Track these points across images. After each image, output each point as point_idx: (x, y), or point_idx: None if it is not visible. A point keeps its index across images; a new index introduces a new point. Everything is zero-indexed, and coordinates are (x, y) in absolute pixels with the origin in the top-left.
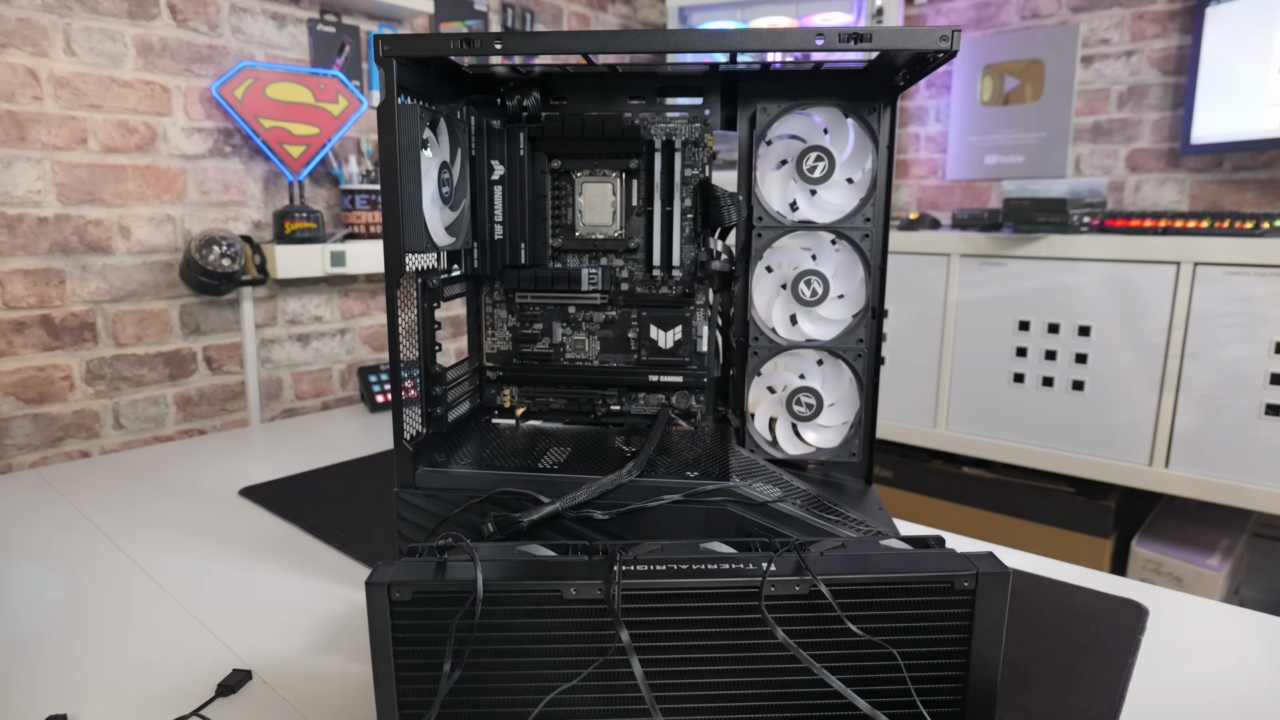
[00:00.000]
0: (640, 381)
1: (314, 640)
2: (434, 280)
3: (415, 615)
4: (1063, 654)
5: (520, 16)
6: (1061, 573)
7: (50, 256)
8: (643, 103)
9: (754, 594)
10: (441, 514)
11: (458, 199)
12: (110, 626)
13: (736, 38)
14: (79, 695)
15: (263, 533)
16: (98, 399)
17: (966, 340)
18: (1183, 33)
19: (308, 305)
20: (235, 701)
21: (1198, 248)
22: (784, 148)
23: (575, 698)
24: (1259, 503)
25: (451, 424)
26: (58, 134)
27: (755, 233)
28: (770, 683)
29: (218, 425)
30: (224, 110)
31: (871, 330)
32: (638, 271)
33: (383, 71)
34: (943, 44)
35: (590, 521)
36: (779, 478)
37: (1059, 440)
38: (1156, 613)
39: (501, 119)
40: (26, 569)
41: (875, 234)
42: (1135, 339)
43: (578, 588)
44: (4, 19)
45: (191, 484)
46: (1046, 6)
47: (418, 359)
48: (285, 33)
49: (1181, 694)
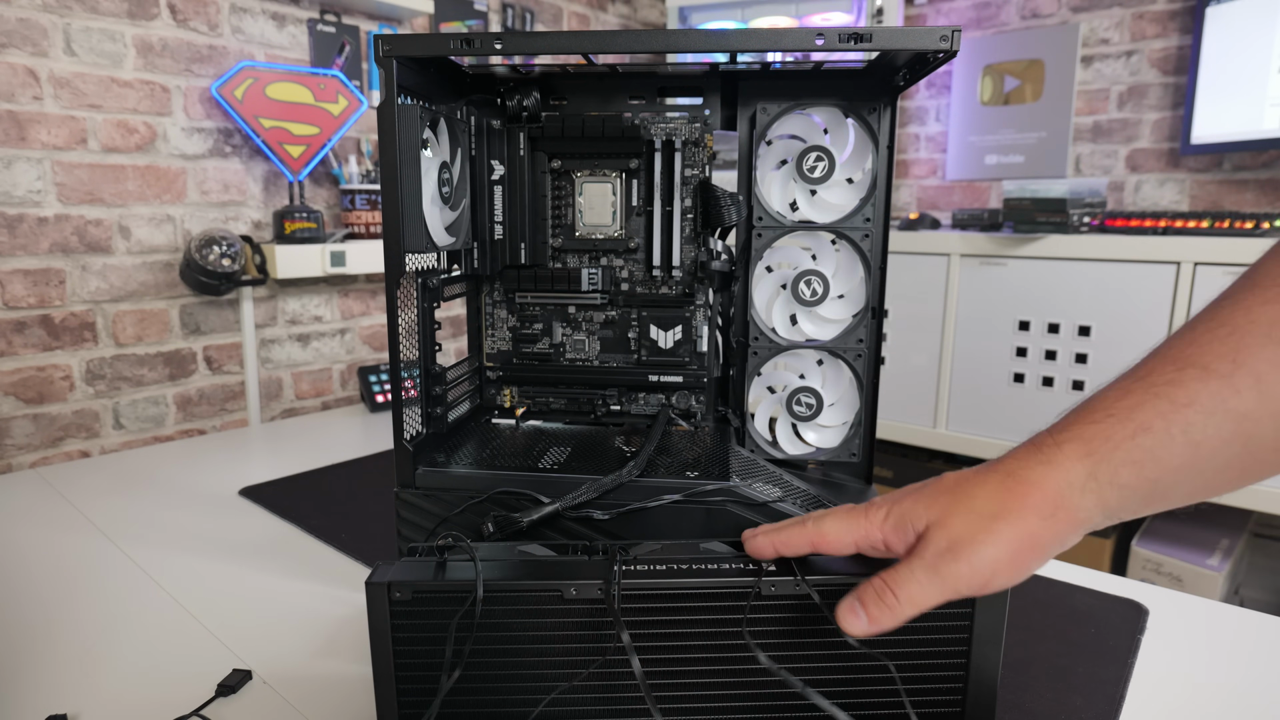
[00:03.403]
0: (640, 381)
1: (314, 640)
2: (434, 280)
3: (415, 615)
4: (1063, 654)
5: (520, 16)
6: (1061, 573)
7: (50, 256)
8: (643, 103)
9: (754, 594)
10: (441, 514)
11: (458, 199)
12: (110, 626)
13: (736, 38)
14: (79, 695)
15: (263, 533)
16: (98, 399)
17: (966, 340)
18: (1183, 33)
19: (308, 305)
20: (235, 701)
21: (1198, 248)
22: (784, 148)
23: (575, 698)
24: (1259, 503)
25: (451, 424)
26: (58, 134)
27: (755, 233)
28: (770, 682)
29: (218, 425)
30: (224, 110)
31: (871, 330)
32: (638, 271)
33: (383, 71)
34: (943, 44)
35: (590, 521)
36: (779, 478)
37: None
38: (1156, 613)
39: (501, 119)
40: (26, 569)
41: (875, 234)
42: (1135, 339)
43: (578, 588)
44: (4, 19)
45: (191, 484)
46: (1046, 6)
47: (418, 359)
48: (285, 33)
49: (1181, 694)
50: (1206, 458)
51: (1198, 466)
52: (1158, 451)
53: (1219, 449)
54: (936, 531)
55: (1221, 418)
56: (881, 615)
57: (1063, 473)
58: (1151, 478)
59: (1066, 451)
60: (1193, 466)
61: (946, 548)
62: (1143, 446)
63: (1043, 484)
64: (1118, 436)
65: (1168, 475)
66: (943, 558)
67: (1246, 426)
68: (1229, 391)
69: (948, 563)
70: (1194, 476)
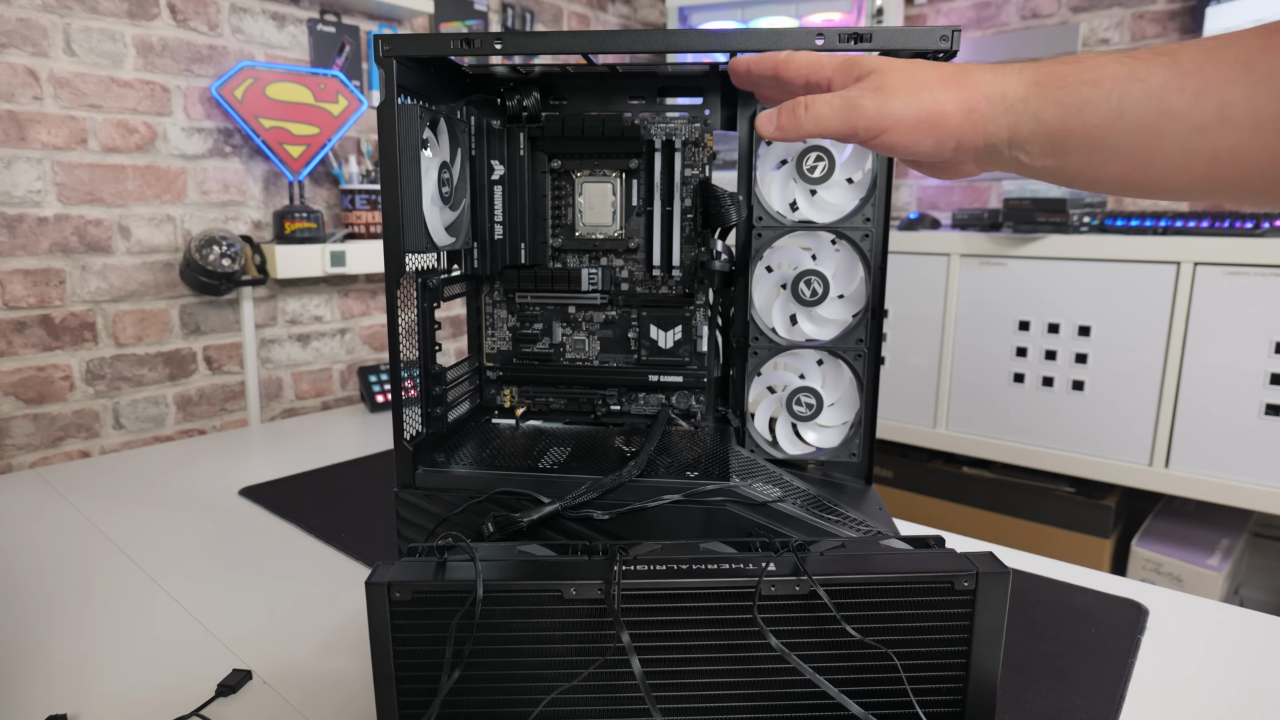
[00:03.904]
0: (640, 381)
1: (314, 640)
2: (434, 280)
3: (415, 615)
4: (1063, 654)
5: (520, 16)
6: (1061, 573)
7: (50, 256)
8: (643, 103)
9: (754, 594)
10: (441, 514)
11: (458, 199)
12: (110, 626)
13: (736, 38)
14: (79, 695)
15: (263, 533)
16: (98, 399)
17: (966, 340)
18: (1183, 33)
19: (308, 305)
20: (235, 701)
21: (1198, 248)
22: (784, 148)
23: (575, 698)
24: (1259, 503)
25: (451, 424)
26: (58, 134)
27: (755, 233)
28: (770, 682)
29: (218, 425)
30: (224, 110)
31: (871, 330)
32: (638, 271)
33: (383, 71)
34: (943, 44)
35: (590, 521)
36: (779, 478)
37: (1059, 440)
38: (1156, 613)
39: (501, 119)
40: (26, 569)
41: (875, 234)
42: (1135, 339)
43: (578, 588)
44: (4, 19)
45: (191, 484)
46: (1046, 6)
47: (418, 359)
48: (285, 33)
49: (1181, 694)
50: (1120, 132)
51: (1106, 138)
52: (1088, 105)
53: (1131, 131)
54: (873, 76)
55: (1153, 104)
56: (788, 124)
57: (1004, 84)
58: (1068, 126)
59: (1022, 73)
60: (1103, 135)
61: (870, 88)
62: (1081, 95)
63: (979, 84)
64: (1069, 78)
65: (1079, 133)
66: (863, 95)
67: (1165, 123)
68: (1175, 87)
69: (863, 100)
70: (1096, 147)
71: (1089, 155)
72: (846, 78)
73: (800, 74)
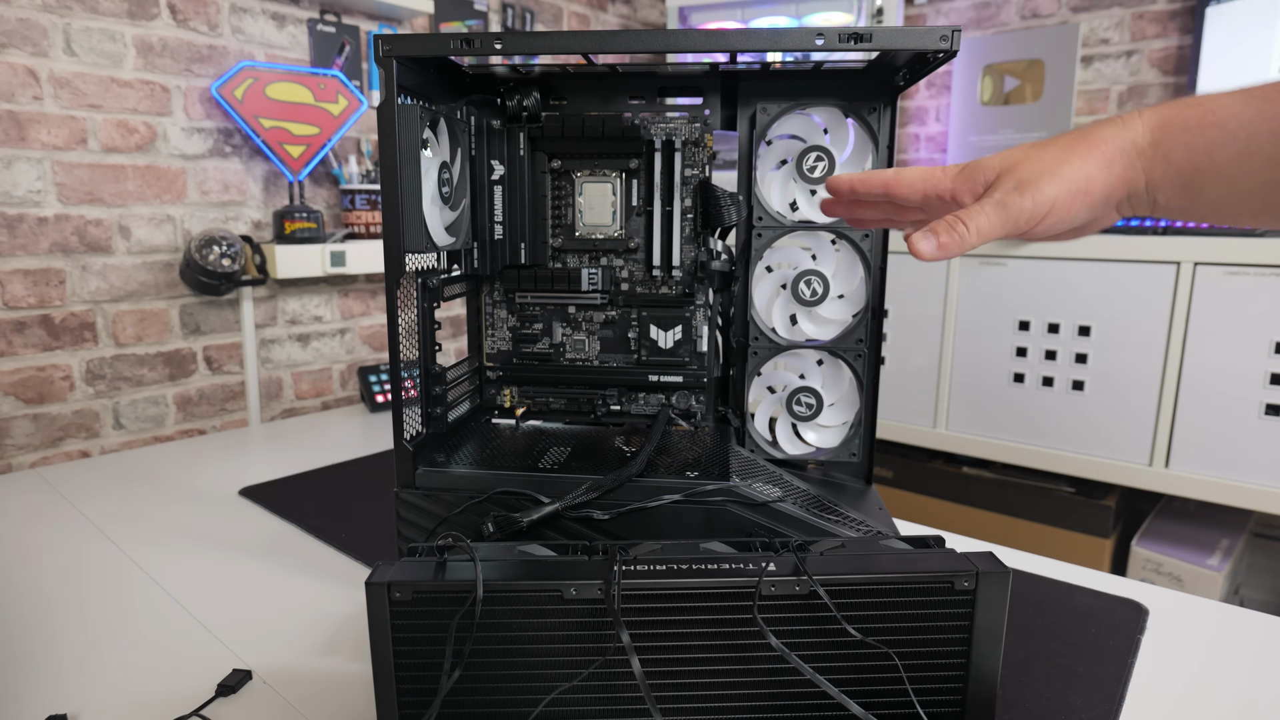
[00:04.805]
0: (640, 381)
1: (314, 640)
2: (434, 280)
3: (415, 615)
4: (1063, 654)
5: (520, 16)
6: (1061, 573)
7: (50, 256)
8: (643, 103)
9: (754, 594)
10: (441, 514)
11: (458, 199)
12: (110, 627)
13: (736, 38)
14: (79, 695)
15: (263, 533)
16: (98, 399)
17: (966, 340)
18: (1183, 33)
19: (308, 305)
20: (235, 701)
21: (1198, 248)
22: (784, 148)
23: (575, 698)
24: (1259, 503)
25: (451, 424)
26: (58, 134)
27: (755, 233)
28: (771, 682)
29: (218, 425)
30: (224, 110)
31: (871, 330)
32: (638, 271)
33: (383, 71)
34: (943, 44)
35: (590, 521)
36: (779, 478)
37: (1059, 440)
38: (1156, 613)
39: (501, 119)
40: (26, 569)
41: (875, 234)
42: (1135, 339)
43: (578, 588)
44: (4, 19)
45: (191, 484)
46: (1046, 6)
47: (418, 359)
48: (285, 33)
49: (1181, 694)
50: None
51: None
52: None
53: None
54: (1007, 176)
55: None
56: (950, 241)
57: (1130, 133)
58: (1198, 166)
59: (1142, 118)
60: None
61: (1014, 187)
62: (1207, 137)
63: (1108, 140)
64: (1192, 120)
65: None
66: (1010, 195)
67: None
68: None
69: (1014, 199)
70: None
71: (1221, 193)
72: (973, 184)
73: (916, 189)
